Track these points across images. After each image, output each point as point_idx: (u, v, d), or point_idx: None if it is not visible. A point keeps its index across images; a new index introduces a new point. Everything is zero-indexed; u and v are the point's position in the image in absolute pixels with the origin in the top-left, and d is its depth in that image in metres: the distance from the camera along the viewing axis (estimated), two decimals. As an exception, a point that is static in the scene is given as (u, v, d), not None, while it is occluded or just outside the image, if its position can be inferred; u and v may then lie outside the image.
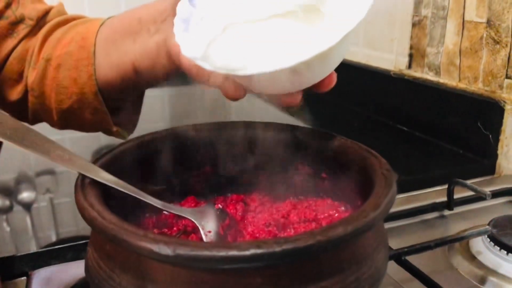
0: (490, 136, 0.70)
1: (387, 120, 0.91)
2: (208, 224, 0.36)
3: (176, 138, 0.41)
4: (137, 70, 0.43)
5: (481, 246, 0.48)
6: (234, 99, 0.35)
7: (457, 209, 0.58)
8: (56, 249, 0.49)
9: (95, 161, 0.35)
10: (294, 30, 0.32)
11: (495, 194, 0.59)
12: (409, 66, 0.86)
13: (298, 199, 0.41)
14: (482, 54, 0.72)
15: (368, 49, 0.96)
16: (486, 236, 0.48)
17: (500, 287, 0.44)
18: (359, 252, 0.29)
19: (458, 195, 0.58)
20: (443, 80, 0.79)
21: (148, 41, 0.41)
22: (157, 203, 0.35)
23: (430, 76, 0.82)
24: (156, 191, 0.37)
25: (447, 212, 0.58)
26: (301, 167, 0.41)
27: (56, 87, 0.46)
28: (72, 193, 0.31)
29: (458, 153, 0.75)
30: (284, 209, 0.40)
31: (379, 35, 0.92)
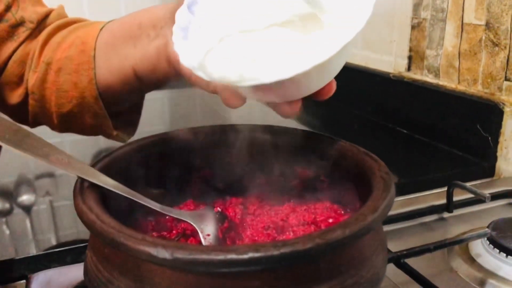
0: (489, 138, 0.70)
1: (387, 123, 0.91)
2: (207, 227, 0.36)
3: (176, 141, 0.41)
4: (138, 75, 0.43)
5: (481, 249, 0.48)
6: (234, 107, 0.35)
7: (457, 212, 0.58)
8: (56, 252, 0.48)
9: (94, 165, 0.35)
10: (292, 40, 0.31)
11: (495, 197, 0.59)
12: (409, 69, 0.87)
13: (297, 202, 0.41)
14: (481, 57, 0.72)
15: (367, 51, 0.96)
16: (486, 239, 0.48)
17: (500, 290, 0.44)
18: (358, 255, 0.29)
19: (458, 198, 0.58)
20: (442, 82, 0.79)
21: (149, 46, 0.41)
22: (156, 206, 0.35)
23: (430, 78, 0.82)
24: (155, 194, 0.38)
25: (447, 215, 0.58)
26: (300, 170, 0.41)
27: (57, 91, 0.46)
28: (72, 196, 0.31)
29: (457, 156, 0.75)
30: (283, 212, 0.40)
31: (378, 37, 0.92)
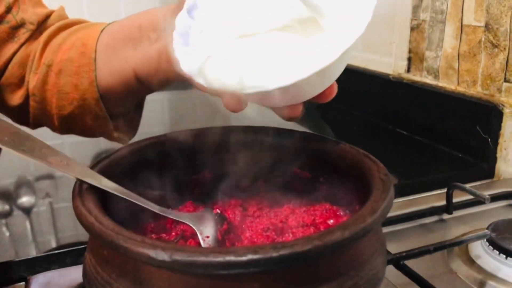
0: (489, 140, 0.70)
1: (386, 124, 0.91)
2: (206, 229, 0.36)
3: (175, 143, 0.41)
4: (138, 77, 0.43)
5: (480, 250, 0.48)
6: (234, 112, 0.35)
7: (456, 213, 0.58)
8: (55, 254, 0.49)
9: (93, 167, 0.35)
10: (292, 45, 0.31)
11: (494, 198, 0.59)
12: (408, 70, 0.87)
13: (296, 204, 0.41)
14: (481, 58, 0.72)
15: (367, 53, 0.96)
16: (485, 240, 0.48)
17: (499, 291, 0.44)
18: (357, 257, 0.29)
19: (457, 199, 0.58)
20: (442, 84, 0.79)
21: (149, 49, 0.41)
22: (155, 208, 0.35)
23: (429, 80, 0.82)
24: (154, 196, 0.38)
25: (446, 216, 0.58)
26: (299, 172, 0.41)
27: (57, 93, 0.46)
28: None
29: (457, 157, 0.75)
30: (282, 214, 0.40)
31: (378, 39, 0.92)
